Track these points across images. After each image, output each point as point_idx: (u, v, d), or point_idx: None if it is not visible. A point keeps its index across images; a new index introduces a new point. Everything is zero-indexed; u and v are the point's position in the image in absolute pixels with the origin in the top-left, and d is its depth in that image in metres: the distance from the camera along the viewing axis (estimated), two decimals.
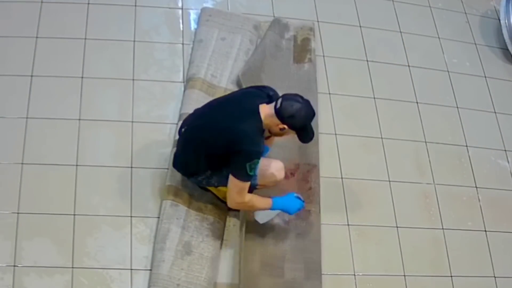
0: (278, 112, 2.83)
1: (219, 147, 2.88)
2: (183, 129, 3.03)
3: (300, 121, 2.85)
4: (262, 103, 2.91)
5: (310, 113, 2.89)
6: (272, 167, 3.00)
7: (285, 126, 2.85)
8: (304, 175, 3.42)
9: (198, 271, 3.02)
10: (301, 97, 2.89)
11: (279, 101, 2.84)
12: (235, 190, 2.89)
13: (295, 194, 3.09)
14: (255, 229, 3.20)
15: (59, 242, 3.01)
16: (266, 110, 2.88)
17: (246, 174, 2.82)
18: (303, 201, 3.11)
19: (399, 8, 4.32)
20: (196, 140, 2.96)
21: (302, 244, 3.23)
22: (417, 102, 3.93)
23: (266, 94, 2.99)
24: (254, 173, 2.84)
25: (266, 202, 3.02)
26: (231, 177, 2.86)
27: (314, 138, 3.50)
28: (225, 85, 3.60)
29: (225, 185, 2.96)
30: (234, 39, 3.78)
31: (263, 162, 2.96)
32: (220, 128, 2.88)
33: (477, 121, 3.97)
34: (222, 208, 3.23)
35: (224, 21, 3.84)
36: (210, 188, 3.17)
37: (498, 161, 3.85)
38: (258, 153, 2.82)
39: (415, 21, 4.30)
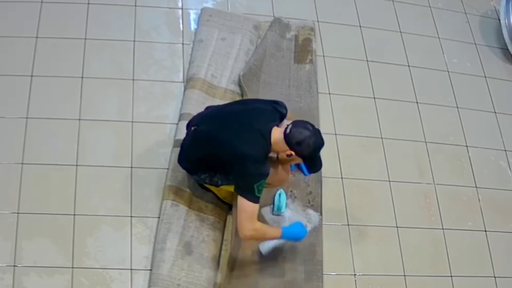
0: (287, 138, 2.79)
1: (223, 160, 2.87)
2: (192, 128, 2.98)
3: (308, 149, 2.80)
4: (274, 125, 2.88)
5: (319, 142, 2.84)
6: (280, 167, 2.97)
7: (292, 153, 2.81)
8: (304, 178, 3.41)
9: (199, 271, 3.02)
10: (312, 125, 2.85)
11: (289, 127, 2.81)
12: (246, 215, 2.80)
13: (301, 222, 3.08)
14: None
15: (59, 242, 3.01)
16: (276, 134, 2.83)
17: (254, 195, 2.78)
18: (306, 229, 3.10)
19: (399, 8, 4.32)
20: (202, 144, 2.93)
21: (303, 246, 3.22)
22: (417, 102, 3.93)
23: (279, 113, 2.96)
24: (260, 195, 2.80)
25: (276, 231, 2.97)
26: (240, 200, 2.80)
27: None
28: (225, 85, 3.60)
29: (228, 183, 2.96)
30: (234, 39, 3.78)
31: None
32: (226, 143, 2.85)
33: (477, 121, 3.97)
34: (222, 208, 3.23)
35: (224, 21, 3.84)
36: (210, 187, 3.17)
37: (498, 161, 3.85)
38: (263, 175, 2.78)
39: (415, 21, 4.30)
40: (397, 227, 3.46)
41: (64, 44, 3.60)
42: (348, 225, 3.40)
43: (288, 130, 2.80)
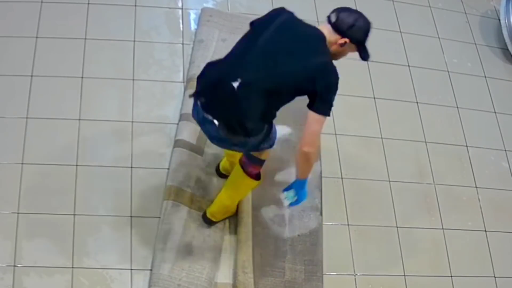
0: (336, 26, 2.60)
1: (299, 90, 2.58)
2: (235, 84, 2.50)
3: (361, 31, 2.63)
4: (316, 25, 2.64)
5: (367, 21, 2.67)
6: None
7: (346, 40, 2.61)
8: None
9: (199, 271, 3.02)
10: (354, 9, 2.69)
11: (333, 15, 2.62)
12: (319, 132, 2.60)
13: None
14: (256, 229, 3.20)
15: (59, 242, 3.01)
16: (324, 29, 2.62)
17: (330, 108, 2.58)
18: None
19: (399, 8, 4.32)
20: (263, 94, 2.53)
21: (303, 246, 3.23)
22: (417, 102, 3.93)
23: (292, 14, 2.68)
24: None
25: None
26: (318, 117, 2.55)
27: None
28: None
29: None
30: (234, 40, 3.72)
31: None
32: (299, 71, 2.52)
33: (477, 121, 3.98)
34: None
35: (224, 22, 3.84)
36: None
37: (498, 161, 3.85)
38: (338, 83, 2.59)
39: (415, 21, 4.30)
40: (397, 227, 3.46)
41: (64, 44, 3.60)
42: (348, 225, 3.40)
43: (334, 19, 2.61)
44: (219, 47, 3.72)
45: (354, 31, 2.61)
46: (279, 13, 2.67)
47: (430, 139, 3.81)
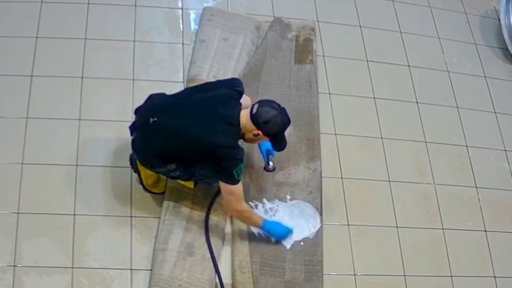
0: (254, 118, 2.83)
1: (196, 154, 2.86)
2: (152, 119, 2.86)
3: (275, 128, 2.85)
4: (240, 108, 2.88)
5: (285, 120, 2.89)
6: None
7: (260, 132, 2.85)
8: (304, 178, 3.41)
9: (200, 272, 3.02)
10: (278, 104, 2.90)
11: (256, 106, 2.85)
12: (233, 198, 2.90)
13: (289, 228, 3.20)
14: (256, 229, 3.20)
15: (59, 242, 3.02)
16: (244, 117, 2.86)
17: (235, 179, 2.84)
18: (291, 230, 3.19)
19: (399, 8, 4.32)
20: (168, 139, 2.86)
21: (303, 246, 3.22)
22: (417, 102, 3.93)
23: (239, 92, 2.95)
24: (241, 177, 2.87)
25: (259, 219, 3.08)
26: (224, 186, 2.87)
27: (316, 140, 3.52)
28: None
29: (187, 179, 3.03)
30: (236, 40, 3.77)
31: None
32: (196, 136, 2.81)
33: (477, 121, 3.97)
34: (225, 209, 3.22)
35: (226, 21, 3.83)
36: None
37: (498, 161, 3.85)
38: (240, 159, 2.82)
39: (415, 21, 4.30)
40: (397, 227, 3.46)
41: (64, 44, 3.60)
42: (348, 225, 3.40)
43: (254, 110, 2.84)
44: (221, 46, 3.71)
45: (268, 127, 2.84)
46: (220, 85, 2.98)
47: (430, 139, 3.80)
